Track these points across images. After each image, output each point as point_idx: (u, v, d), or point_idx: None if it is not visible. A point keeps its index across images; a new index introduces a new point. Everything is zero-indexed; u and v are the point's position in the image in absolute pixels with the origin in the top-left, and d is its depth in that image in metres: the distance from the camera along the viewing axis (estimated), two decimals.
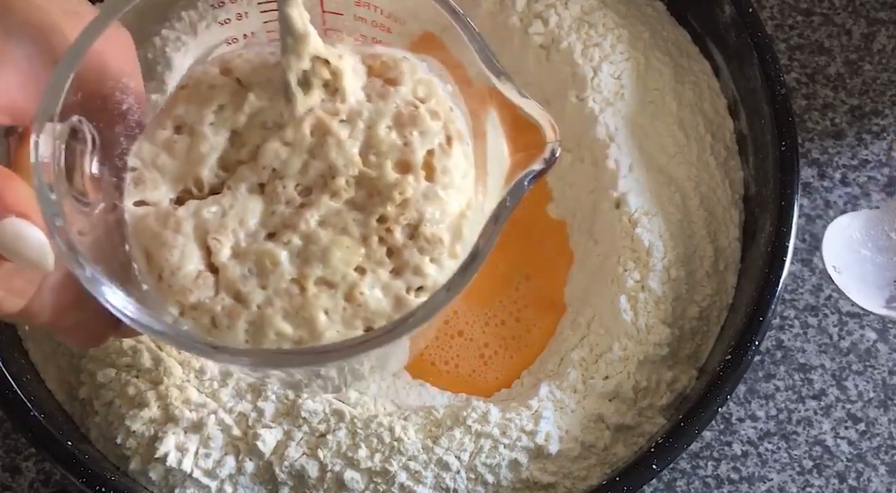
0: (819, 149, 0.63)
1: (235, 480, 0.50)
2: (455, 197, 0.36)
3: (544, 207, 0.58)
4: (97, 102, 0.35)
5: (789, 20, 0.65)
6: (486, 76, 0.35)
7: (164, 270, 0.35)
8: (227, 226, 0.35)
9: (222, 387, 0.51)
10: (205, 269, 0.35)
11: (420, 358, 0.55)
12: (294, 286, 0.35)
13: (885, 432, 0.58)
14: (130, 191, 0.36)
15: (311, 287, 0.35)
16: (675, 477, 0.57)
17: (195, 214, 0.35)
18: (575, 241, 0.57)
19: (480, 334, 0.56)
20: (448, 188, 0.36)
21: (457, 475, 0.49)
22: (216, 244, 0.35)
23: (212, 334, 0.35)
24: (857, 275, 0.59)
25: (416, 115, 0.36)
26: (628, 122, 0.56)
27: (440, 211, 0.36)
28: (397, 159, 0.36)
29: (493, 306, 0.56)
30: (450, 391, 0.54)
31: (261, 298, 0.35)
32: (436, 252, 0.35)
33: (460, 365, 0.55)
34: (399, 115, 0.36)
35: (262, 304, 0.35)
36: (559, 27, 0.57)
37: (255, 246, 0.35)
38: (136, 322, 0.33)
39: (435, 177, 0.36)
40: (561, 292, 0.56)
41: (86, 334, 0.39)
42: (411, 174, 0.36)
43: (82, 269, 0.32)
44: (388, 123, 0.36)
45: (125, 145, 0.36)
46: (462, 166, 0.37)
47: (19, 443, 0.57)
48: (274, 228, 0.35)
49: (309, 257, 0.35)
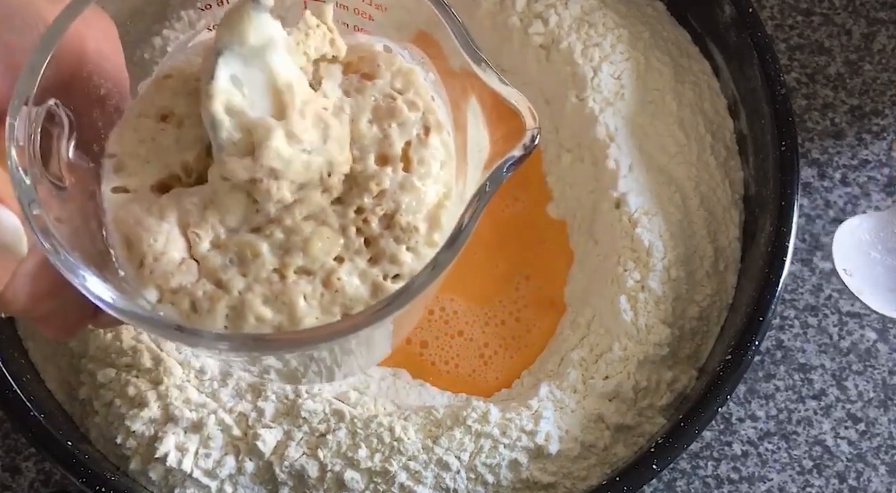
0: (819, 149, 0.63)
1: (235, 480, 0.50)
2: (432, 187, 0.37)
3: (544, 207, 0.58)
4: (75, 85, 0.35)
5: (789, 20, 0.65)
6: (467, 63, 0.35)
7: (147, 255, 0.35)
8: (207, 219, 0.35)
9: (222, 387, 0.51)
10: (188, 257, 0.35)
11: (420, 358, 0.55)
12: (274, 275, 0.35)
13: (885, 432, 0.58)
14: (110, 177, 0.36)
15: (291, 275, 0.35)
16: (675, 477, 0.57)
17: (178, 203, 0.35)
18: (575, 241, 0.57)
19: (480, 334, 0.56)
20: (424, 178, 0.36)
21: (457, 475, 0.49)
22: (195, 238, 0.35)
23: (191, 319, 0.35)
24: (868, 278, 0.59)
25: (393, 107, 0.37)
26: (628, 122, 0.56)
27: (416, 201, 0.36)
28: (378, 152, 0.37)
29: (493, 306, 0.56)
30: (450, 391, 0.54)
31: (241, 284, 0.35)
32: (412, 241, 0.36)
33: (460, 365, 0.55)
34: (378, 108, 0.37)
35: (243, 290, 0.35)
36: (559, 27, 0.57)
37: (236, 238, 0.35)
38: (114, 308, 0.32)
39: (412, 167, 0.36)
40: (561, 292, 0.56)
41: (62, 322, 0.38)
42: (389, 166, 0.36)
43: (58, 254, 0.32)
44: (369, 116, 0.37)
45: (103, 131, 0.36)
46: (440, 156, 0.37)
47: (19, 443, 0.57)
48: (258, 225, 0.36)
49: (290, 247, 0.35)
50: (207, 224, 0.35)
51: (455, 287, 0.57)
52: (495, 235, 0.58)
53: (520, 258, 0.57)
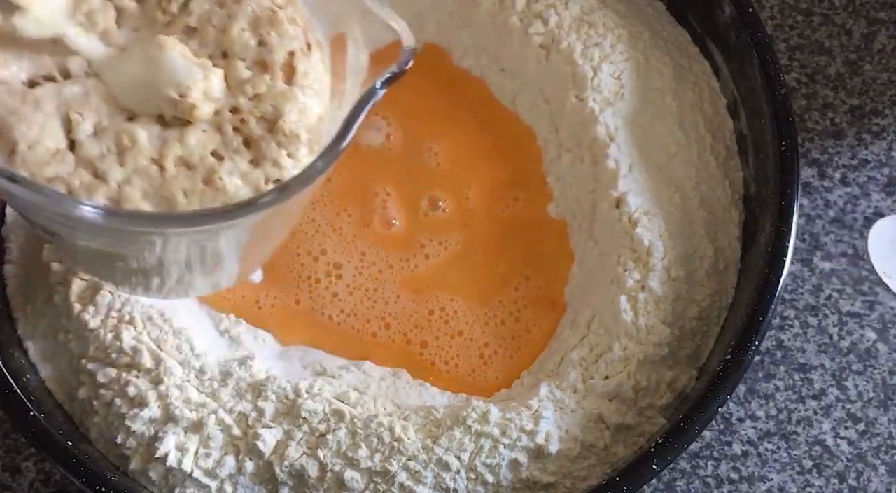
0: (819, 149, 0.63)
1: (235, 480, 0.50)
2: (315, 99, 0.39)
3: (544, 208, 0.58)
4: None
5: (789, 20, 0.65)
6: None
7: (20, 143, 0.35)
8: (90, 103, 0.36)
9: (222, 387, 0.51)
10: (65, 147, 0.36)
11: (420, 358, 0.55)
12: (153, 166, 0.36)
13: (884, 432, 0.58)
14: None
15: (171, 167, 0.37)
16: (675, 477, 0.57)
17: (56, 93, 0.36)
18: (575, 241, 0.57)
19: (480, 334, 0.56)
20: (307, 89, 0.38)
21: (457, 474, 0.50)
22: (78, 118, 0.36)
23: None
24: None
25: (274, 18, 0.39)
26: (628, 122, 0.56)
27: (298, 110, 0.38)
28: (255, 59, 0.38)
29: (493, 306, 0.57)
30: (450, 391, 0.54)
31: (119, 175, 0.36)
32: (293, 147, 0.38)
33: (460, 365, 0.55)
34: (257, 18, 0.39)
35: (122, 182, 0.36)
36: (559, 27, 0.57)
37: (114, 125, 0.36)
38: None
39: (295, 78, 0.39)
40: (561, 291, 0.57)
41: None
42: (268, 73, 0.38)
43: None
44: (244, 25, 0.39)
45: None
46: (320, 72, 0.39)
47: (19, 443, 0.57)
48: (133, 116, 0.37)
49: (167, 137, 0.37)
50: (91, 106, 0.36)
51: (455, 287, 0.57)
52: (495, 235, 0.58)
53: (520, 258, 0.57)
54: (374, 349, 0.55)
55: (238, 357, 0.52)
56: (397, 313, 0.56)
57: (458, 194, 0.59)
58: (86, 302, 0.51)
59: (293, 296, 0.56)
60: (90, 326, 0.51)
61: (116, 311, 0.51)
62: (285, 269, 0.56)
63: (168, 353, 0.51)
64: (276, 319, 0.56)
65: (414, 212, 0.58)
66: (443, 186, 0.59)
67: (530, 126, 0.59)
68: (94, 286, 0.51)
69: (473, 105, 0.60)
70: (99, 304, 0.51)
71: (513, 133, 0.60)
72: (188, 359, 0.51)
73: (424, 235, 0.58)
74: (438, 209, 0.58)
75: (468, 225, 0.58)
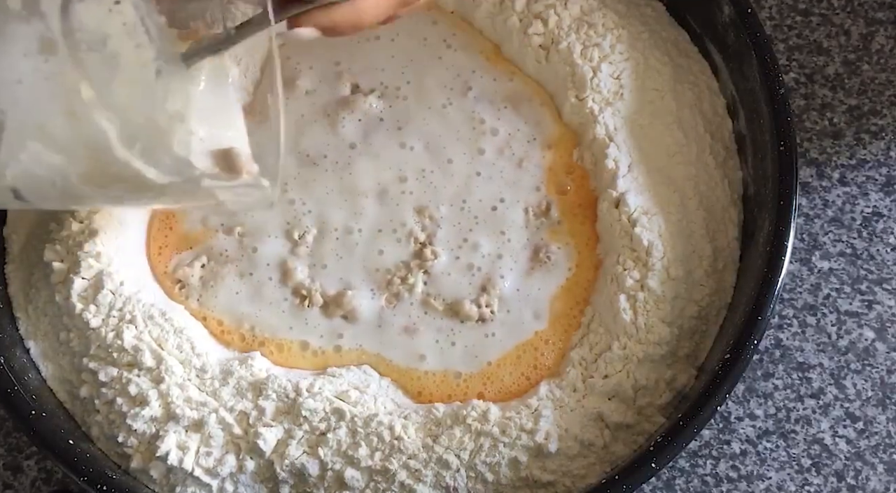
0: (817, 149, 0.63)
1: (236, 478, 0.50)
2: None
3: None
4: None
5: (788, 20, 0.66)
6: None
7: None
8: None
9: (223, 386, 0.51)
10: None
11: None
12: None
13: (883, 430, 0.58)
14: None
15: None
16: (675, 476, 0.57)
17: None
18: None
19: None
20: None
21: (457, 473, 0.50)
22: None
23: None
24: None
25: None
26: (628, 121, 0.56)
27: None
28: None
29: None
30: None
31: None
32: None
33: None
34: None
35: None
36: (559, 27, 0.57)
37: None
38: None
39: None
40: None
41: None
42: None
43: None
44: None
45: None
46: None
47: (21, 442, 0.57)
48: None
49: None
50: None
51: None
52: None
53: None
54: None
55: (238, 356, 0.52)
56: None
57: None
58: (87, 301, 0.51)
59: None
60: (91, 325, 0.51)
61: (118, 310, 0.51)
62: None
63: (169, 352, 0.51)
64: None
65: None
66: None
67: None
68: (95, 286, 0.51)
69: None
70: (100, 303, 0.51)
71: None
72: (189, 358, 0.51)
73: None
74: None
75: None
